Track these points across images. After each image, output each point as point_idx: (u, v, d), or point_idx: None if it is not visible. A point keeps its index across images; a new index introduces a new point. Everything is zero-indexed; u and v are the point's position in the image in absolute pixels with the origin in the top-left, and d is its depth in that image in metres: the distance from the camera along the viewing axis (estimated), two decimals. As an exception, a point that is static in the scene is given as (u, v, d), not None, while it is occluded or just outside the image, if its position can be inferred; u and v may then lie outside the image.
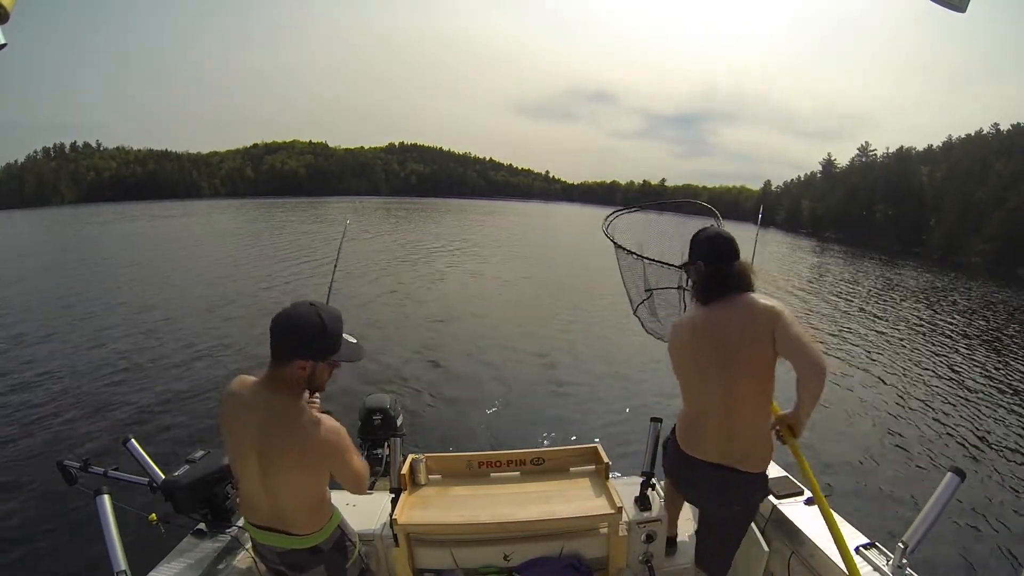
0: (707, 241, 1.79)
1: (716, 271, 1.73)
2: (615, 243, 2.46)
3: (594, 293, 13.61)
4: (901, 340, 10.39)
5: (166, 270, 17.38)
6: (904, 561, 1.51)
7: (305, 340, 1.32)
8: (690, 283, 1.88)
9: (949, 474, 1.48)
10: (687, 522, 2.27)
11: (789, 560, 1.83)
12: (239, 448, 1.37)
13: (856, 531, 1.77)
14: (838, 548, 1.35)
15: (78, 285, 14.72)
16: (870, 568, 1.58)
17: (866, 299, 15.69)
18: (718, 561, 1.87)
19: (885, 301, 15.84)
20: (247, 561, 1.83)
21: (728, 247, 1.76)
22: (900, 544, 1.51)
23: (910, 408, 6.78)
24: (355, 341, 1.46)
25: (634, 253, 2.42)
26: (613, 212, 2.61)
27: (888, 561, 1.56)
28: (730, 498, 1.76)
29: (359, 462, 1.46)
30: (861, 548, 1.65)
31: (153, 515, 1.75)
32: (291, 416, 1.33)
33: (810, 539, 1.76)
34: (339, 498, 2.20)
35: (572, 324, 10.26)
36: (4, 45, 0.75)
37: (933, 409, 6.80)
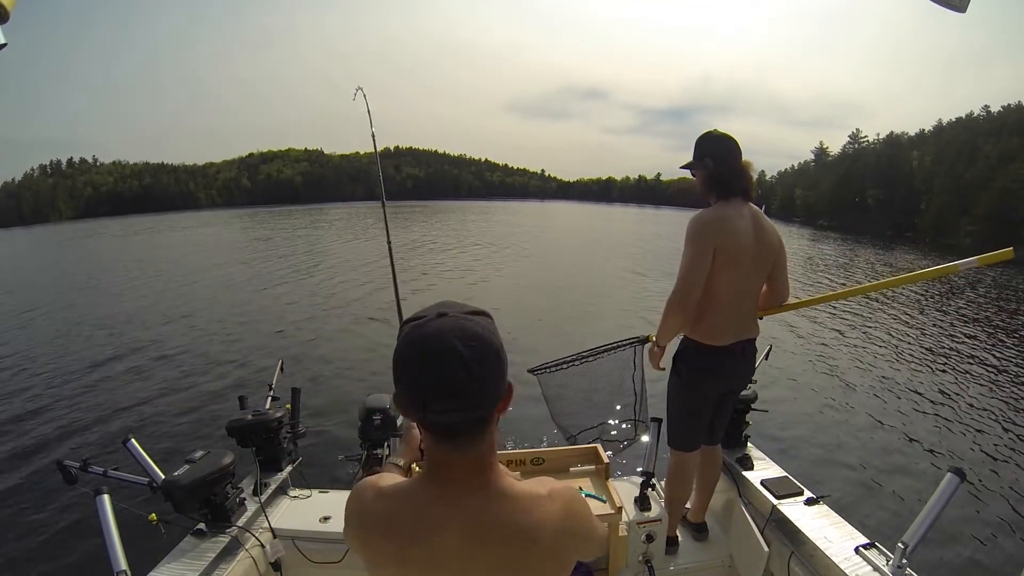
0: (715, 140, 1.91)
1: (727, 167, 1.87)
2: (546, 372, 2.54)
3: (596, 291, 13.61)
4: (896, 328, 10.38)
5: (167, 276, 17.41)
6: (904, 561, 1.51)
7: (504, 359, 0.74)
8: (701, 180, 1.94)
9: (949, 474, 1.48)
10: (687, 522, 2.28)
11: (789, 560, 1.84)
12: None
13: (856, 531, 1.77)
14: None
15: (81, 290, 14.76)
16: (870, 568, 1.58)
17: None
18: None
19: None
20: (247, 561, 1.83)
21: (736, 145, 1.89)
22: (900, 544, 1.51)
23: (908, 401, 6.77)
24: None
25: (568, 362, 2.48)
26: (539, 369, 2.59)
27: (888, 561, 1.56)
28: (752, 363, 2.04)
29: (599, 522, 0.92)
30: (861, 548, 1.65)
31: (153, 515, 1.74)
32: (520, 512, 0.77)
33: (810, 539, 1.77)
34: (336, 497, 2.21)
35: (573, 323, 10.25)
36: (4, 45, 0.75)
37: (931, 402, 6.80)
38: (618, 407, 2.47)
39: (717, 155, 1.89)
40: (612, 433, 2.47)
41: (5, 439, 5.49)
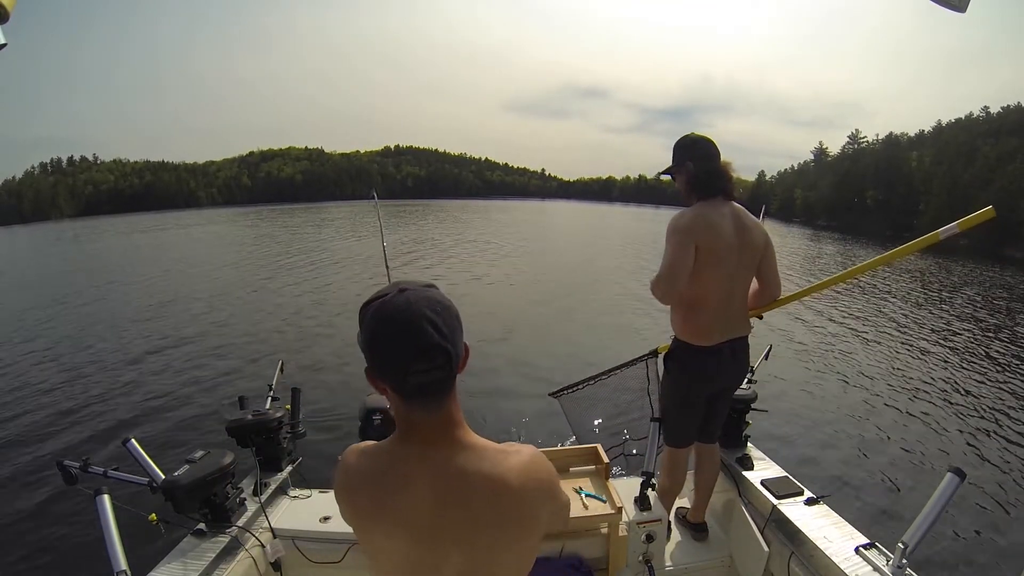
0: (693, 143, 1.95)
1: (707, 169, 1.90)
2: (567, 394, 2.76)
3: (597, 291, 13.60)
4: (896, 327, 10.37)
5: (167, 275, 17.41)
6: (904, 561, 1.51)
7: (461, 321, 0.83)
8: (683, 183, 1.97)
9: (949, 474, 1.48)
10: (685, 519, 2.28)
11: (789, 560, 1.83)
12: (419, 557, 0.81)
13: (856, 531, 1.77)
14: None
15: (82, 290, 14.76)
16: (870, 568, 1.58)
17: (859, 284, 15.64)
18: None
19: (877, 286, 15.79)
20: (247, 561, 1.83)
21: (714, 147, 1.93)
22: (900, 544, 1.51)
23: (909, 401, 6.77)
24: None
25: (587, 381, 2.66)
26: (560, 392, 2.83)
27: (888, 561, 1.56)
28: (743, 361, 2.04)
29: (563, 489, 0.97)
30: (861, 548, 1.65)
31: (153, 515, 1.74)
32: (486, 463, 0.81)
33: (810, 539, 1.77)
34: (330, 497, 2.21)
35: (573, 323, 10.25)
36: (4, 45, 0.75)
37: (931, 401, 6.79)
38: (638, 422, 2.50)
39: (697, 158, 1.92)
40: (635, 452, 2.51)
41: (5, 439, 5.50)
